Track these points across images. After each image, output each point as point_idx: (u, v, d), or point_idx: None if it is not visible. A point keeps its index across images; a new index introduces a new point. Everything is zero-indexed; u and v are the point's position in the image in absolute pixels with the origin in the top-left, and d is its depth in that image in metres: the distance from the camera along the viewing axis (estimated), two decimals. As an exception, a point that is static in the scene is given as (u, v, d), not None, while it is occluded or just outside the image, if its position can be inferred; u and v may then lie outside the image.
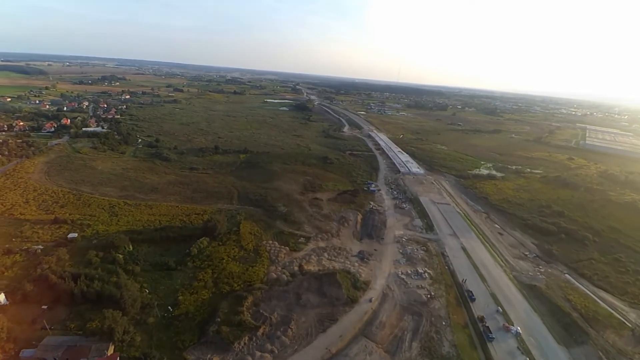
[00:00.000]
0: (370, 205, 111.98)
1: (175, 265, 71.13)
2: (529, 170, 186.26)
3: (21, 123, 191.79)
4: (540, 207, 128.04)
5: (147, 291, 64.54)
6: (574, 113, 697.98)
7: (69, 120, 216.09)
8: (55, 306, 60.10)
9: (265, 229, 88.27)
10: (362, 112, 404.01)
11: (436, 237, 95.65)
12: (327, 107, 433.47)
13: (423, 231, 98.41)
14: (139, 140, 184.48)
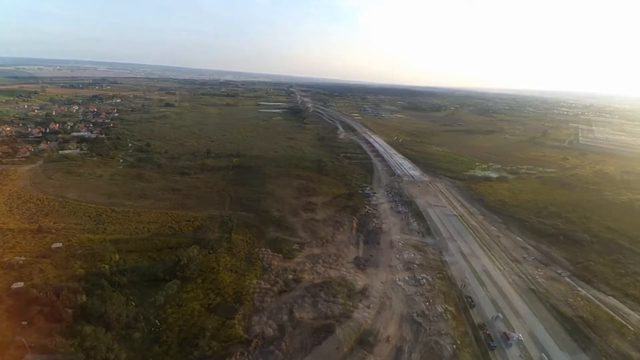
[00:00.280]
0: (366, 209, 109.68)
1: (164, 276, 68.14)
2: (524, 170, 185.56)
3: (8, 128, 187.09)
4: (538, 209, 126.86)
5: (133, 304, 61.48)
6: (565, 113, 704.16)
7: (57, 125, 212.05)
8: (35, 322, 56.77)
9: (258, 236, 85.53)
10: (357, 115, 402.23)
11: (434, 241, 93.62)
12: (321, 110, 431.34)
13: (420, 235, 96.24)
14: (129, 144, 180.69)
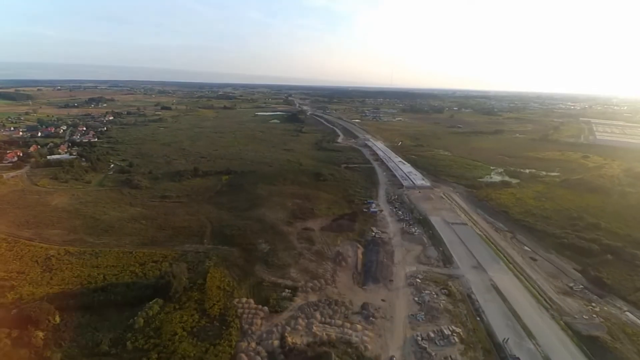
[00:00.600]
0: (373, 232, 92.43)
1: (110, 348, 51.45)
2: (544, 173, 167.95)
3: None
4: (571, 219, 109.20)
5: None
6: (572, 107, 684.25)
7: (38, 146, 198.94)
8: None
9: (239, 279, 68.63)
10: (357, 120, 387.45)
11: (457, 272, 76.16)
12: (320, 116, 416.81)
13: (440, 264, 78.78)
14: (112, 165, 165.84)
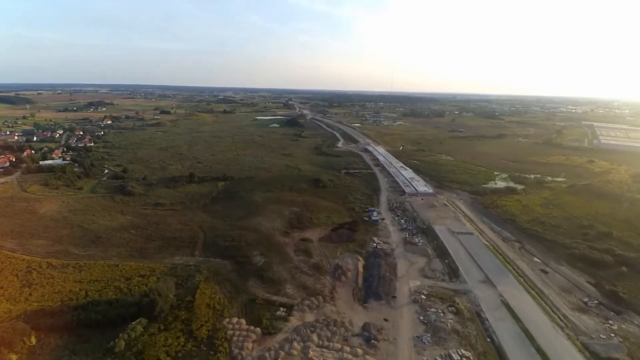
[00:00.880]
0: (374, 243, 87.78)
1: (85, 377, 47.10)
2: (550, 178, 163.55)
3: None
4: (582, 228, 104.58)
5: None
6: (573, 111, 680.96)
7: (32, 151, 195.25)
8: None
9: (231, 296, 63.89)
10: (357, 124, 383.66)
11: (465, 286, 71.40)
12: (320, 120, 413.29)
13: (446, 278, 74.03)
14: (106, 171, 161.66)
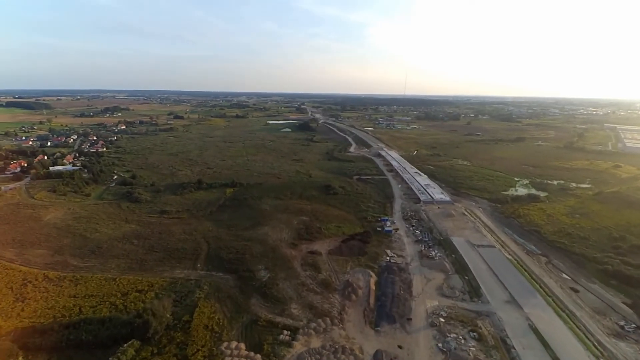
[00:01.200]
0: (387, 256, 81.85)
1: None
2: (574, 185, 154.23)
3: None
4: (613, 240, 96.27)
5: None
6: (594, 113, 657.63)
7: (44, 156, 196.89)
8: None
9: (231, 316, 59.12)
10: (370, 128, 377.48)
11: (487, 307, 64.80)
12: (331, 125, 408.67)
13: (466, 298, 67.48)
14: (115, 177, 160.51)
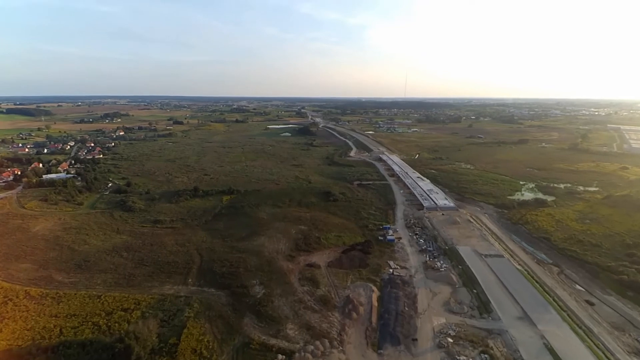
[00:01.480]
0: (390, 268, 77.38)
1: None
2: (582, 188, 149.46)
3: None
4: (626, 248, 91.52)
5: None
6: (596, 113, 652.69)
7: (40, 164, 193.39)
8: None
9: (222, 338, 54.69)
10: (370, 132, 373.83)
11: (499, 325, 60.13)
12: (332, 128, 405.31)
13: (475, 314, 62.83)
14: (109, 184, 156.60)
